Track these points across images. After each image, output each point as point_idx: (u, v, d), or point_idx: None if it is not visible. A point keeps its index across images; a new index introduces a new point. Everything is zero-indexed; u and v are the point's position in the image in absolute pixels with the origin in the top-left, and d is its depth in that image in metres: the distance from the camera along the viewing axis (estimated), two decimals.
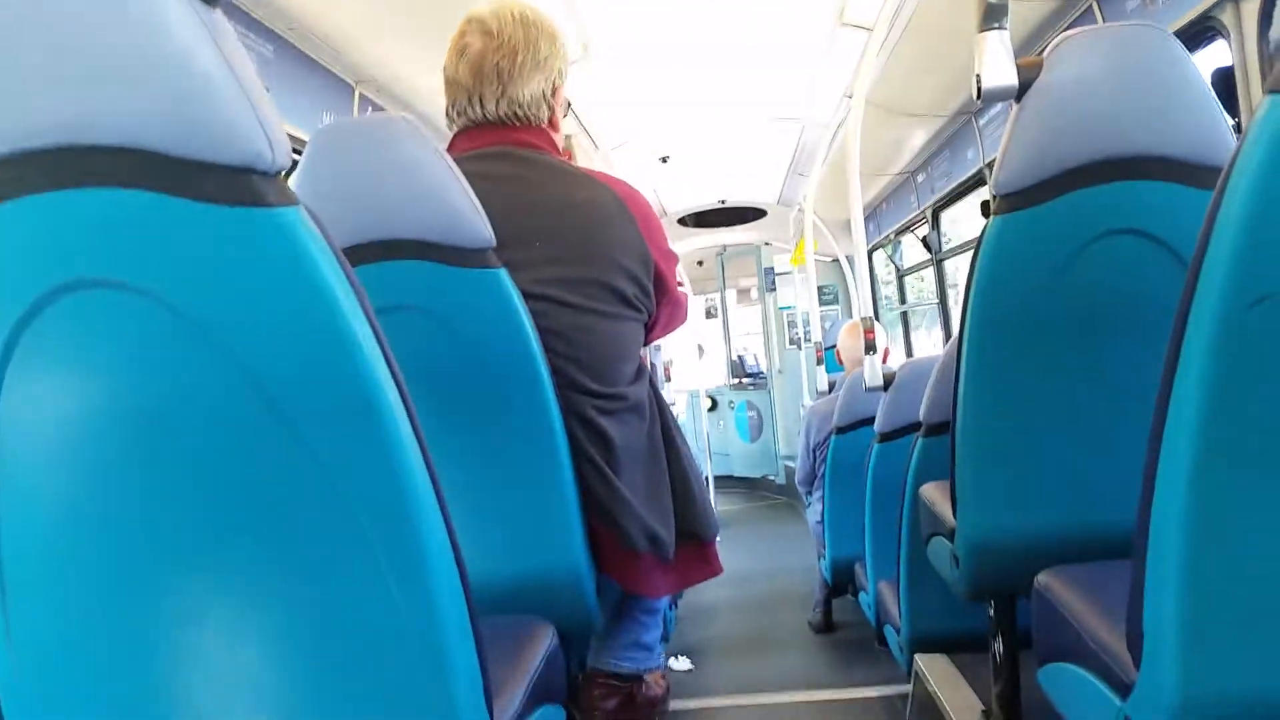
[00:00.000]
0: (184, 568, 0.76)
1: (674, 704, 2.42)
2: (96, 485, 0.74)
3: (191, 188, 0.67)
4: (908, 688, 2.22)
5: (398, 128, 1.26)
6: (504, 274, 1.30)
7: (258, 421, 0.72)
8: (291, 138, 2.43)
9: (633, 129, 4.81)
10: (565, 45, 1.62)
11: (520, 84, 1.54)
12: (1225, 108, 2.12)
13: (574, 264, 1.47)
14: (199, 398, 0.72)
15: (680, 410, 8.19)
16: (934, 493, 1.71)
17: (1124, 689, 0.87)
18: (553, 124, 1.61)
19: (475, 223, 1.28)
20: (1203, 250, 0.72)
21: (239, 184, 0.68)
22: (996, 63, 1.25)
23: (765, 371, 8.25)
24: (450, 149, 1.55)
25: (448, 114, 1.57)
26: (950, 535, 1.50)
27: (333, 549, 0.75)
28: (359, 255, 1.26)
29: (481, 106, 1.53)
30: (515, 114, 1.54)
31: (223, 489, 0.74)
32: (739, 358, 8.57)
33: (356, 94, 2.93)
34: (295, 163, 1.28)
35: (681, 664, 3.16)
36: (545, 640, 1.15)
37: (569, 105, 1.73)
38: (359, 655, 0.77)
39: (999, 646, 1.62)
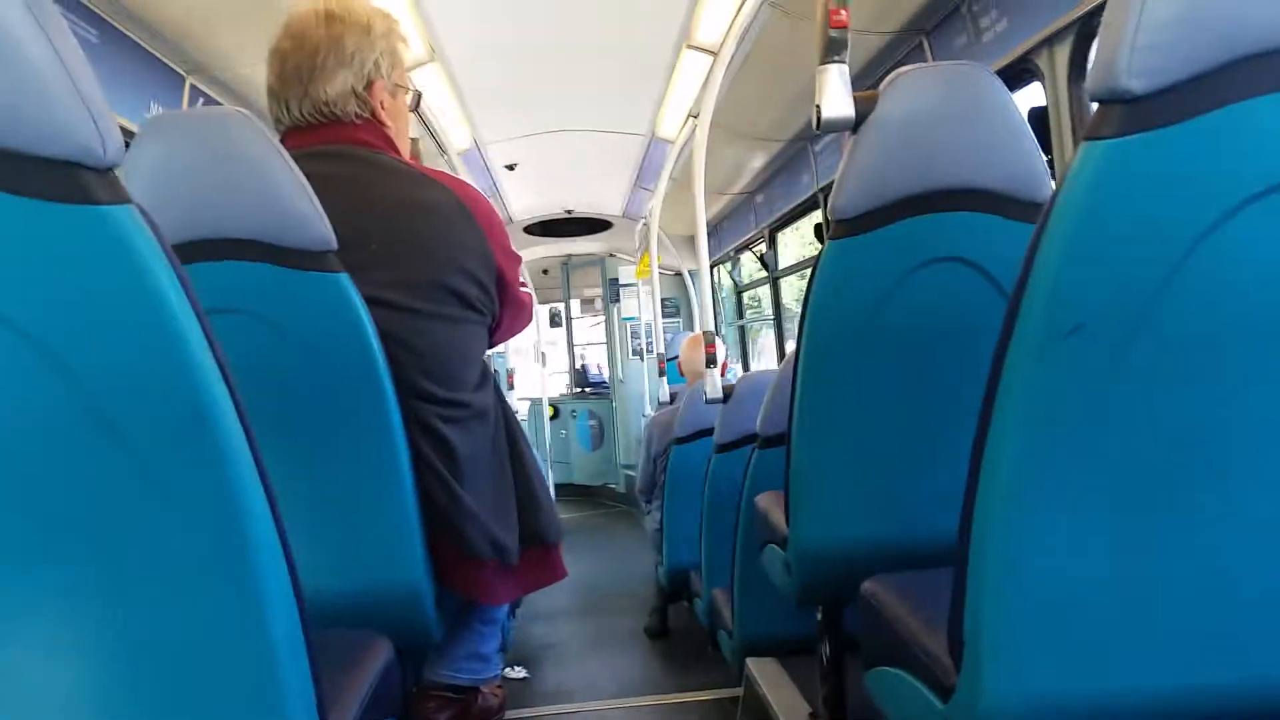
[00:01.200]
0: (7, 576, 0.70)
1: (509, 713, 2.40)
2: None
3: (13, 181, 0.63)
4: (739, 691, 2.28)
5: (234, 121, 1.20)
6: (345, 279, 1.26)
7: (82, 428, 0.67)
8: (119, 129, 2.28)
9: (480, 134, 4.75)
10: (395, 36, 1.57)
11: (321, 83, 1.48)
12: (1041, 145, 2.30)
13: (413, 267, 1.44)
14: (19, 403, 0.67)
15: (522, 418, 8.14)
16: (768, 502, 1.77)
17: (945, 692, 0.93)
18: (378, 119, 1.54)
19: (315, 224, 1.23)
20: (1023, 283, 0.78)
21: (66, 179, 0.63)
22: (836, 95, 1.31)
23: (608, 381, 8.31)
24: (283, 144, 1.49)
25: (273, 111, 1.52)
26: (783, 543, 1.56)
27: (161, 560, 0.71)
28: (189, 254, 1.20)
29: (287, 110, 1.49)
30: (320, 112, 1.49)
31: (45, 497, 0.69)
32: (582, 367, 8.60)
33: (187, 85, 2.78)
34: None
35: (517, 673, 3.14)
36: (381, 654, 1.12)
37: (419, 98, 1.70)
38: (187, 668, 0.74)
39: (826, 650, 1.69)
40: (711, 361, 2.71)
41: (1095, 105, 0.74)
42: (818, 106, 1.32)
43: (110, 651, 0.72)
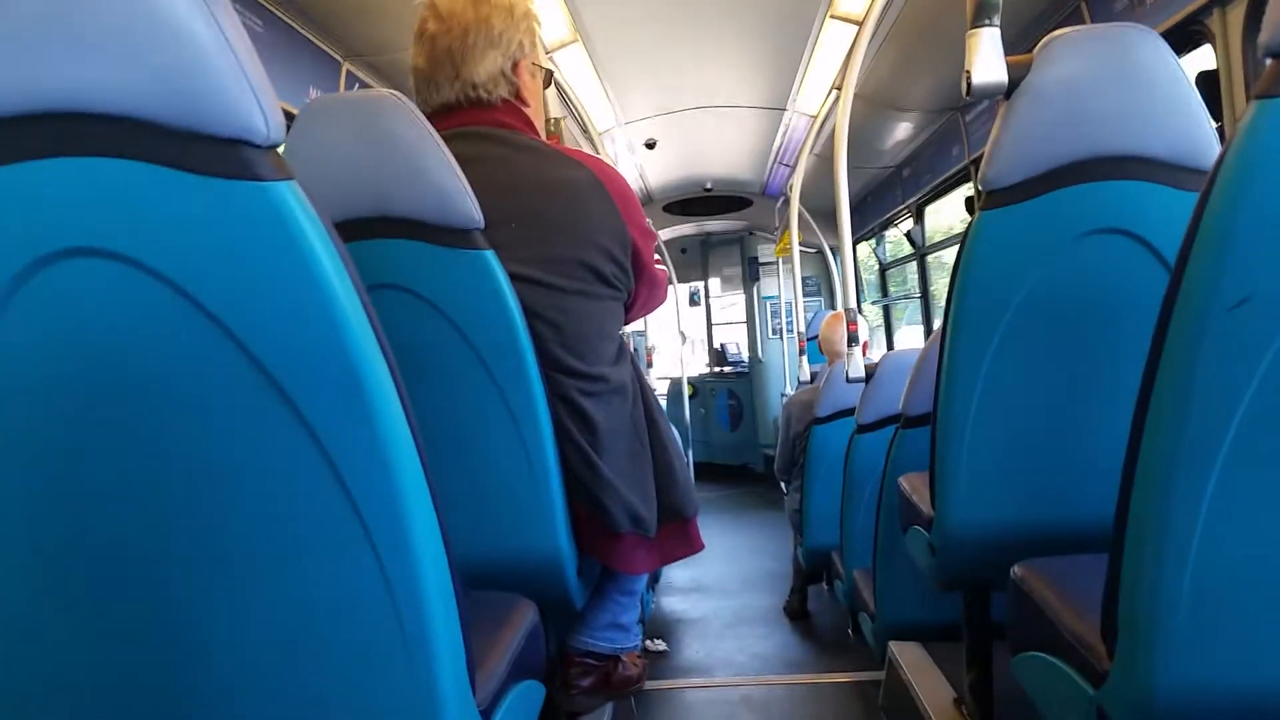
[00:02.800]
0: (168, 538, 0.76)
1: (649, 684, 2.44)
2: (83, 453, 0.74)
3: (184, 158, 0.67)
4: (881, 674, 2.25)
5: (388, 104, 1.25)
6: (491, 255, 1.30)
7: (248, 394, 0.72)
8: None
9: (620, 113, 4.79)
10: (532, 18, 1.60)
11: (474, 64, 1.52)
12: (1210, 111, 2.14)
13: (552, 244, 1.47)
14: (189, 369, 0.72)
15: (661, 395, 8.21)
16: (912, 483, 1.73)
17: (1097, 678, 0.89)
18: (522, 99, 1.58)
19: (464, 203, 1.28)
20: (1186, 253, 0.74)
21: (231, 156, 0.68)
22: (987, 59, 1.26)
23: (747, 361, 8.27)
24: None
25: (421, 94, 1.56)
26: (927, 525, 1.52)
27: (320, 522, 0.75)
28: (346, 232, 1.26)
29: (437, 90, 1.53)
30: (469, 96, 1.53)
31: (209, 460, 0.74)
32: (721, 346, 8.59)
33: (344, 70, 2.91)
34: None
35: (657, 645, 3.19)
36: (527, 617, 1.16)
37: (551, 78, 1.73)
38: (343, 627, 0.78)
39: (972, 636, 1.64)
40: (853, 340, 2.66)
41: (1268, 61, 0.69)
42: (967, 72, 1.27)
43: (268, 609, 0.77)
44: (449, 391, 1.37)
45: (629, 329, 2.41)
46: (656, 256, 1.74)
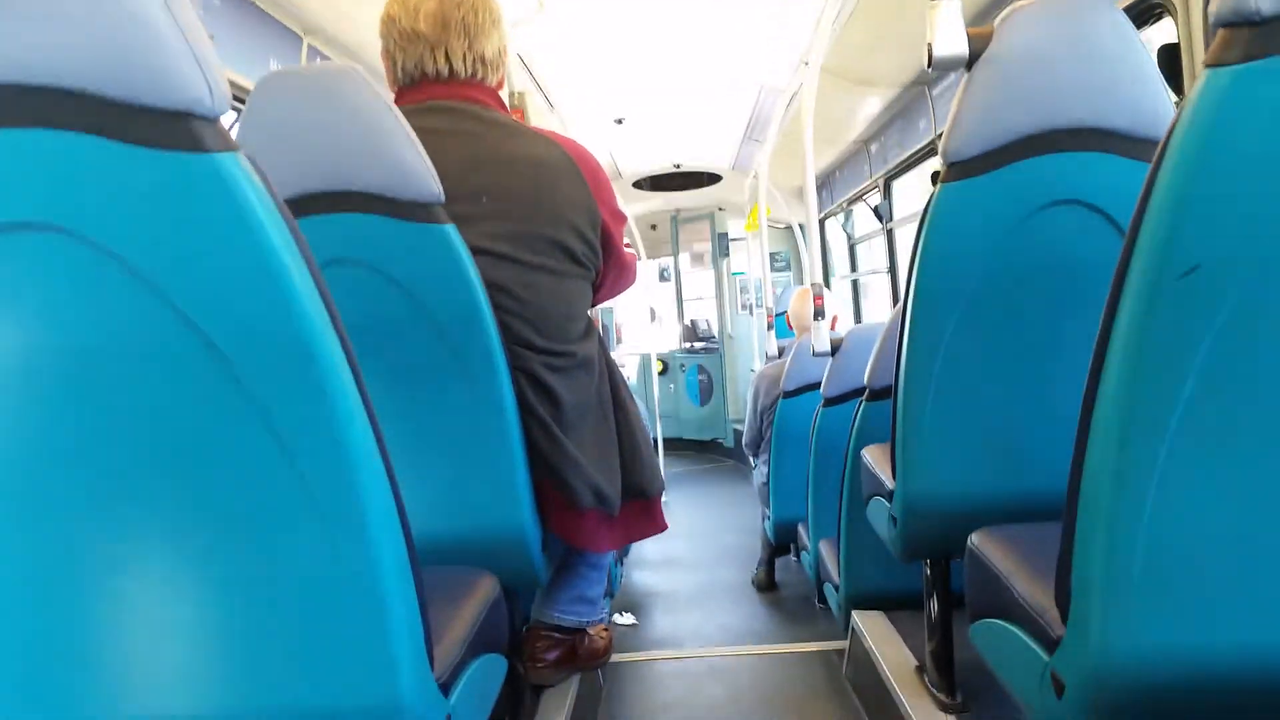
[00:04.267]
0: (118, 513, 0.75)
1: (617, 657, 2.46)
2: (27, 428, 0.73)
3: (127, 130, 0.66)
4: (845, 643, 2.28)
5: (347, 78, 1.23)
6: (453, 229, 1.29)
7: (195, 369, 0.71)
8: (238, 86, 2.37)
9: (588, 89, 4.75)
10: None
11: (484, 39, 1.54)
12: (1171, 85, 2.16)
13: (522, 220, 1.47)
14: (136, 343, 0.71)
15: (631, 373, 8.21)
16: (875, 455, 1.74)
17: (1051, 644, 0.91)
18: (499, 83, 1.61)
19: (424, 177, 1.26)
20: (1138, 222, 0.74)
21: (176, 128, 0.66)
22: (948, 32, 1.26)
23: (717, 336, 8.29)
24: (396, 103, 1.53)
25: (396, 68, 1.54)
26: (889, 496, 1.54)
27: (272, 495, 0.75)
28: (304, 206, 1.24)
29: (449, 60, 1.51)
30: (477, 70, 1.53)
31: (159, 435, 0.73)
32: (692, 322, 8.59)
33: (305, 44, 2.86)
34: (239, 113, 1.26)
35: (625, 619, 3.21)
36: (488, 590, 1.16)
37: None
38: (297, 600, 0.77)
39: (933, 605, 1.67)
40: (819, 315, 2.67)
41: (1219, 31, 0.69)
42: (930, 45, 1.27)
43: (221, 584, 0.77)
44: (411, 366, 1.36)
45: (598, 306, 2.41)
46: (626, 240, 1.74)
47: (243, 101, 1.21)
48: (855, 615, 2.18)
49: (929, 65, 1.29)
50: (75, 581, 0.76)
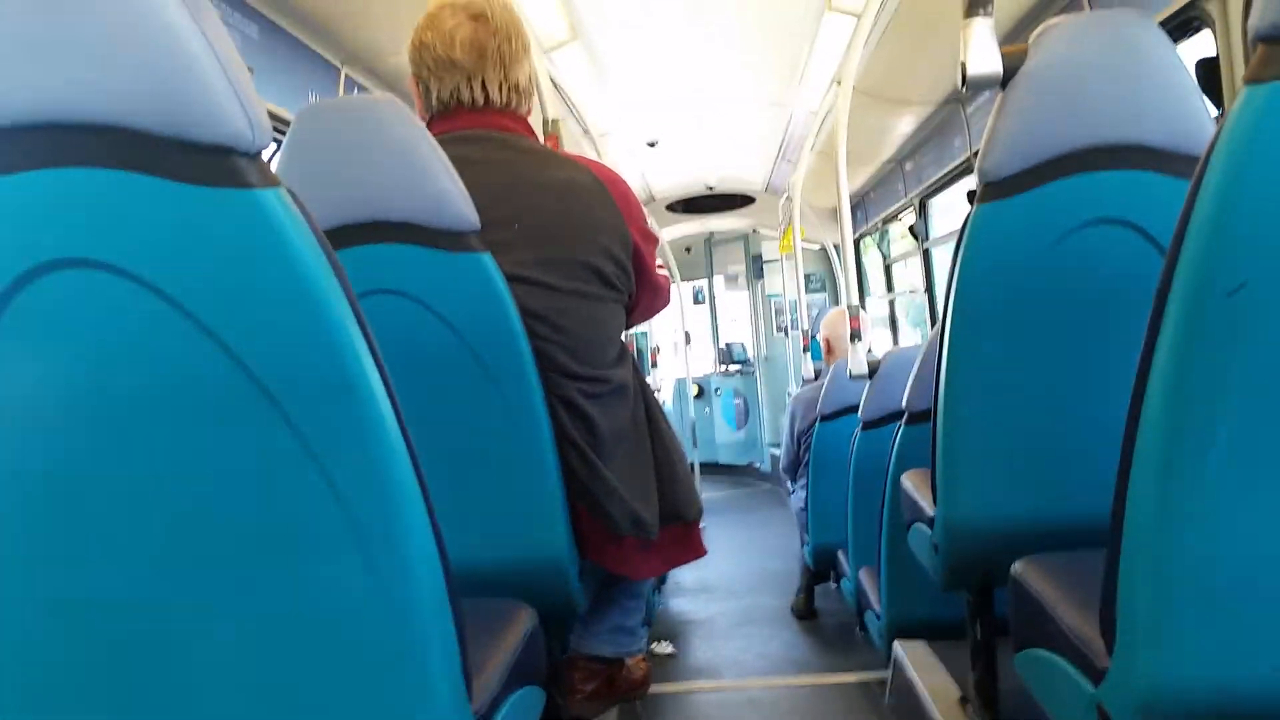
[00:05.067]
0: (161, 548, 0.76)
1: (655, 688, 2.43)
2: (74, 465, 0.73)
3: (170, 168, 0.67)
4: (887, 674, 2.24)
5: (383, 109, 1.25)
6: (488, 258, 1.30)
7: (239, 403, 0.72)
8: (277, 118, 2.41)
9: (621, 114, 4.79)
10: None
11: (518, 68, 1.55)
12: (1210, 99, 2.13)
13: (554, 245, 1.47)
14: (180, 379, 0.72)
15: (666, 397, 8.20)
16: (915, 480, 1.72)
17: (1097, 675, 0.88)
18: (529, 111, 1.62)
19: (460, 206, 1.27)
20: (1180, 239, 0.73)
21: (219, 164, 0.67)
22: (981, 49, 1.25)
23: (752, 359, 8.26)
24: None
25: (430, 96, 1.55)
26: (930, 523, 1.51)
27: (312, 530, 0.75)
28: (342, 238, 1.26)
29: (485, 89, 1.53)
30: (511, 99, 1.55)
31: (202, 470, 0.74)
32: (727, 345, 8.57)
33: (342, 75, 2.91)
34: (279, 144, 1.28)
35: (664, 648, 3.18)
36: (526, 622, 1.15)
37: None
38: (337, 634, 0.77)
39: (977, 633, 1.63)
40: (856, 337, 2.65)
41: (1258, 46, 0.68)
42: (963, 63, 1.26)
43: (259, 617, 0.77)
44: (448, 395, 1.36)
45: (633, 330, 2.42)
46: (659, 261, 1.74)
47: (282, 133, 1.23)
48: (897, 644, 2.15)
49: (963, 84, 1.28)
50: (114, 617, 0.77)
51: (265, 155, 0.72)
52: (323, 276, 0.71)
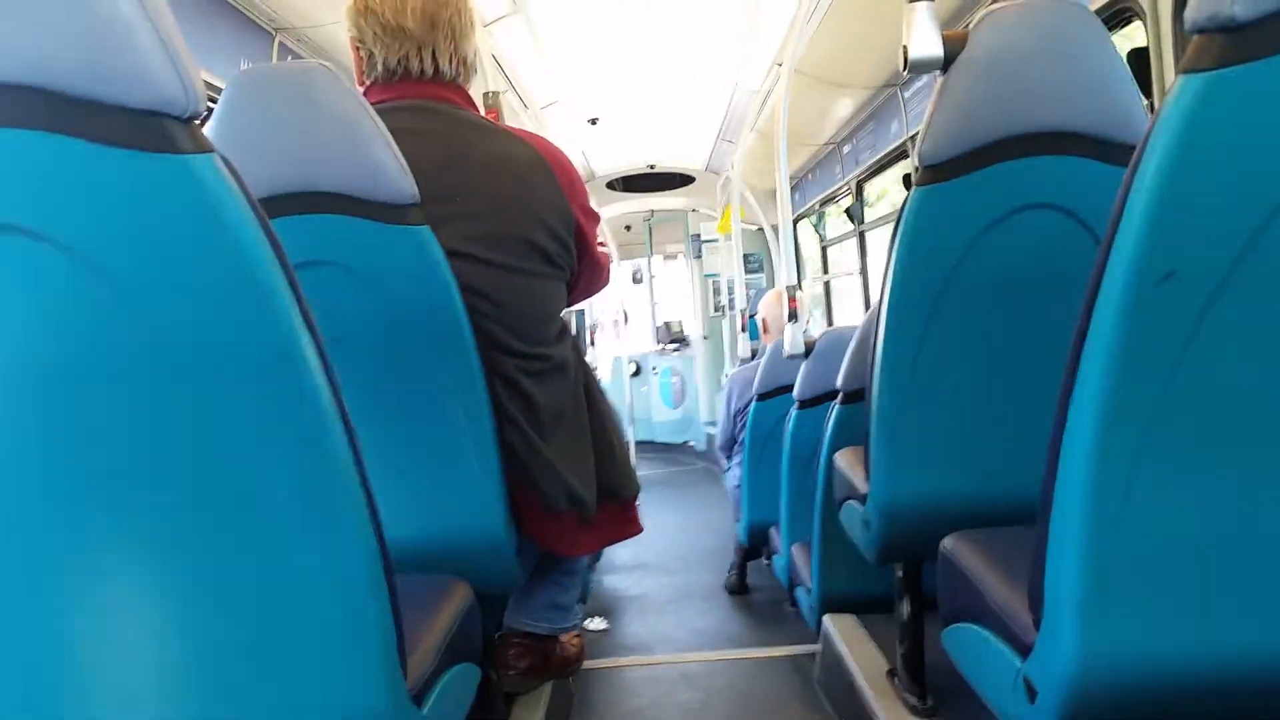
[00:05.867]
0: (89, 520, 0.73)
1: (588, 663, 2.44)
2: None
3: (100, 131, 0.65)
4: (817, 647, 2.28)
5: (320, 76, 1.22)
6: (428, 231, 1.28)
7: (167, 373, 0.70)
8: (209, 85, 2.33)
9: (562, 89, 4.74)
10: None
11: (466, 41, 1.54)
12: (1140, 88, 2.18)
13: (495, 220, 1.46)
14: (108, 348, 0.69)
15: (604, 375, 8.20)
16: (848, 458, 1.74)
17: (1024, 649, 0.91)
18: (470, 84, 1.61)
19: (399, 178, 1.25)
20: (1114, 227, 0.75)
21: (149, 128, 0.65)
22: (923, 33, 1.26)
23: (690, 338, 8.29)
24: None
25: (375, 62, 1.51)
26: (862, 500, 1.54)
27: (244, 502, 0.73)
28: (276, 207, 1.22)
29: (435, 60, 1.50)
30: (459, 72, 1.53)
31: (130, 440, 0.72)
32: (665, 324, 8.59)
33: (276, 42, 2.83)
34: (211, 110, 1.23)
35: (597, 624, 3.19)
36: (462, 599, 1.14)
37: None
38: (270, 610, 0.76)
39: (905, 608, 1.67)
40: (793, 317, 2.67)
41: (1195, 37, 0.69)
42: (905, 47, 1.27)
43: (192, 591, 0.75)
44: (385, 370, 1.34)
45: (573, 308, 2.41)
46: (600, 240, 1.73)
47: (213, 101, 1.19)
48: (827, 619, 2.19)
49: (904, 67, 1.29)
50: (47, 591, 0.75)
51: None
52: (258, 245, 0.69)
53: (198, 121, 0.68)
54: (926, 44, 1.25)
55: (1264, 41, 0.66)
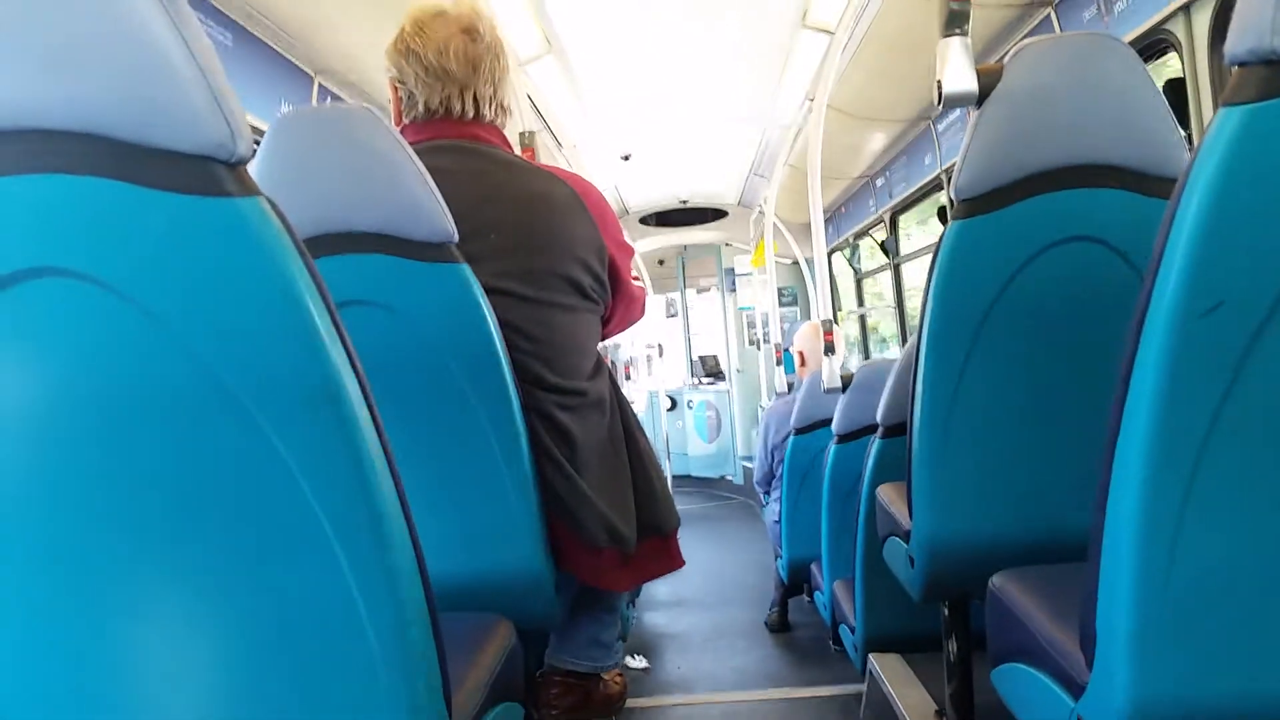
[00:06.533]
0: (137, 561, 0.74)
1: (630, 702, 2.42)
2: (49, 476, 0.72)
3: (150, 175, 0.66)
4: (862, 687, 2.24)
5: (358, 118, 1.24)
6: (466, 269, 1.29)
7: (215, 414, 0.70)
8: (251, 127, 2.39)
9: (595, 126, 4.79)
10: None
11: (505, 86, 1.58)
12: (1175, 119, 2.16)
13: (530, 256, 1.47)
14: (156, 389, 0.70)
15: (639, 410, 8.20)
16: (890, 494, 1.72)
17: (1076, 689, 0.89)
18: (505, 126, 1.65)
19: (437, 216, 1.27)
20: (1158, 259, 0.74)
21: (199, 173, 0.66)
22: (957, 68, 1.26)
23: (725, 371, 8.28)
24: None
25: (415, 102, 1.54)
26: (906, 536, 1.52)
27: (292, 543, 0.74)
28: (319, 247, 1.25)
29: (476, 103, 1.54)
30: (498, 115, 1.58)
31: (179, 482, 0.73)
32: (700, 358, 8.58)
33: (316, 84, 2.90)
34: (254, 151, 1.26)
35: (638, 662, 3.16)
36: (505, 637, 1.14)
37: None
38: (318, 650, 0.76)
39: (953, 647, 1.64)
40: (829, 350, 2.66)
41: (1235, 69, 0.69)
42: (939, 81, 1.28)
43: (241, 633, 0.75)
44: (424, 407, 1.35)
45: (606, 343, 2.42)
46: (634, 273, 1.74)
47: (255, 142, 1.22)
48: (872, 658, 2.15)
49: (938, 102, 1.29)
50: (90, 628, 0.75)
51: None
52: (303, 286, 0.70)
53: (244, 165, 0.70)
54: (961, 79, 1.26)
55: None
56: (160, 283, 0.68)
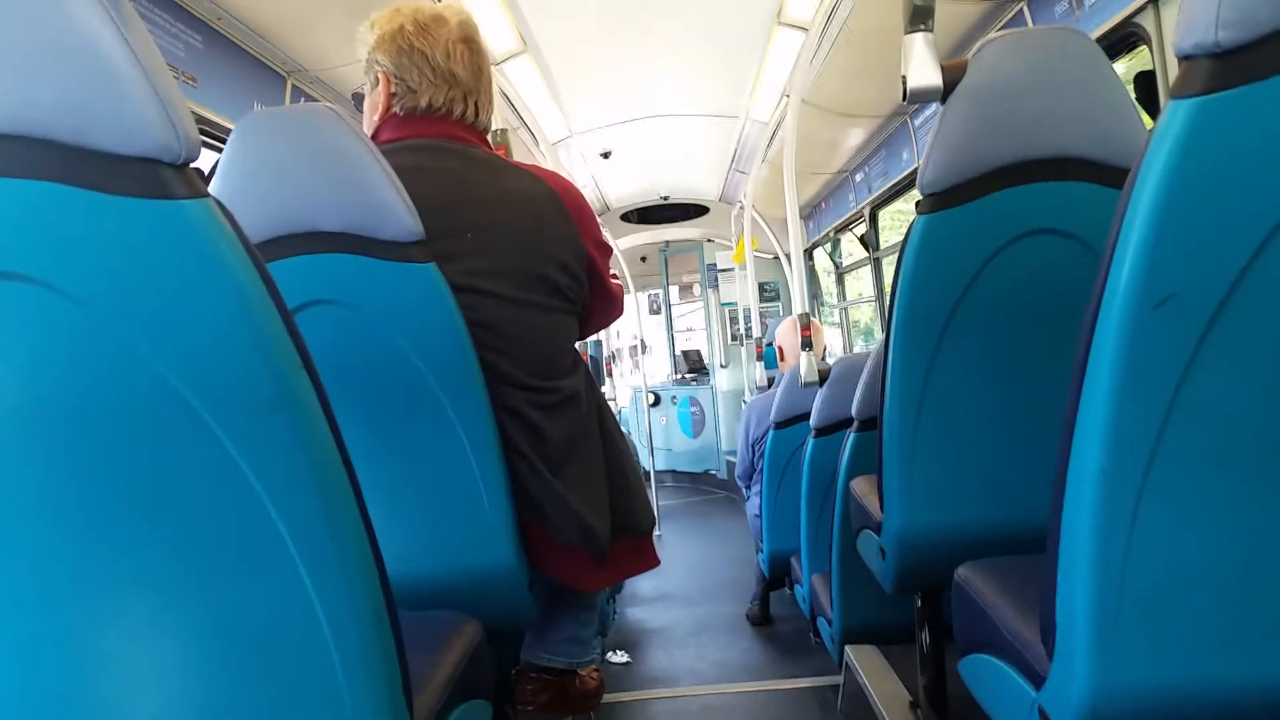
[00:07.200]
0: (93, 568, 0.74)
1: (609, 697, 2.43)
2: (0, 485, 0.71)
3: (96, 179, 0.65)
4: (839, 679, 2.25)
5: (322, 117, 1.23)
6: (433, 268, 1.29)
7: (168, 420, 0.70)
8: (222, 128, 2.37)
9: (574, 124, 4.79)
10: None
11: (494, 95, 1.60)
12: (1149, 112, 2.18)
13: (506, 256, 1.47)
14: (108, 396, 0.70)
15: (623, 405, 8.20)
16: (863, 486, 1.73)
17: (1038, 679, 0.90)
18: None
19: (402, 215, 1.26)
20: (1110, 252, 0.75)
21: (145, 176, 0.66)
22: (922, 64, 1.27)
23: (708, 366, 8.29)
24: (378, 136, 1.53)
25: (416, 99, 1.53)
26: (878, 529, 1.53)
27: (248, 548, 0.73)
28: (281, 248, 1.24)
29: (478, 110, 1.56)
30: (489, 121, 1.59)
31: (133, 488, 0.72)
32: (683, 353, 8.58)
33: (289, 85, 2.88)
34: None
35: (619, 657, 3.17)
36: (470, 635, 1.14)
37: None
38: (276, 654, 0.76)
39: (925, 638, 1.65)
40: (807, 345, 2.67)
41: (1183, 63, 0.70)
42: (904, 77, 1.28)
43: (194, 633, 0.75)
44: (393, 406, 1.35)
45: (587, 340, 2.41)
46: (613, 271, 1.74)
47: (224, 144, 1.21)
48: (848, 650, 2.16)
49: (904, 97, 1.30)
50: (46, 634, 0.75)
51: (206, 166, 0.71)
52: (252, 289, 0.69)
53: (192, 166, 0.69)
54: (925, 74, 1.26)
55: (1250, 67, 0.66)
56: (109, 287, 0.67)
